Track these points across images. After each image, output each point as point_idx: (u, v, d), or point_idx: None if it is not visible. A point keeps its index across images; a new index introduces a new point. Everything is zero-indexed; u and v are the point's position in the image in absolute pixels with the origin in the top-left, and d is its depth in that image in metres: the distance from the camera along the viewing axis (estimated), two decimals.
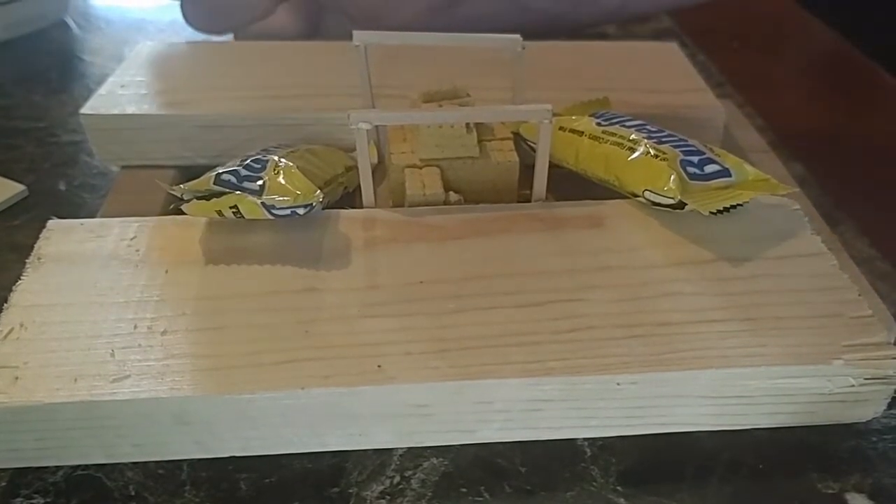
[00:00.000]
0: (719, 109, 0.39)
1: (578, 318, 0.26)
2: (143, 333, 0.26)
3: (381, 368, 0.25)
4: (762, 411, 0.26)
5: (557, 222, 0.31)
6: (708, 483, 0.26)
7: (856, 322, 0.27)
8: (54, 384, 0.24)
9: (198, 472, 0.26)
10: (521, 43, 0.34)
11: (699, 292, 0.28)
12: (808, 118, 0.48)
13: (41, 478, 0.26)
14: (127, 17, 0.60)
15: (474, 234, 0.30)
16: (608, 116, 0.34)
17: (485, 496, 0.26)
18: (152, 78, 0.39)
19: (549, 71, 0.41)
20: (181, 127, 0.37)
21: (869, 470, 0.27)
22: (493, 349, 0.25)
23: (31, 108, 0.47)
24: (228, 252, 0.29)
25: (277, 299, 0.27)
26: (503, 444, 0.27)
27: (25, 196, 0.39)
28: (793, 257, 0.29)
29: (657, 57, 0.43)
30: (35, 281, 0.28)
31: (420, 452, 0.27)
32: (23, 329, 0.26)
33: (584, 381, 0.25)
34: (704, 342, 0.26)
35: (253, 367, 0.25)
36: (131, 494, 0.25)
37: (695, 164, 0.31)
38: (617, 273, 0.28)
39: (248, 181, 0.29)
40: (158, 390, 0.24)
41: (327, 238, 0.30)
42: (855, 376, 0.25)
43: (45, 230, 0.30)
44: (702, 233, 0.30)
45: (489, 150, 0.32)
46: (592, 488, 0.26)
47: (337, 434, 0.26)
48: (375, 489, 0.26)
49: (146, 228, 0.30)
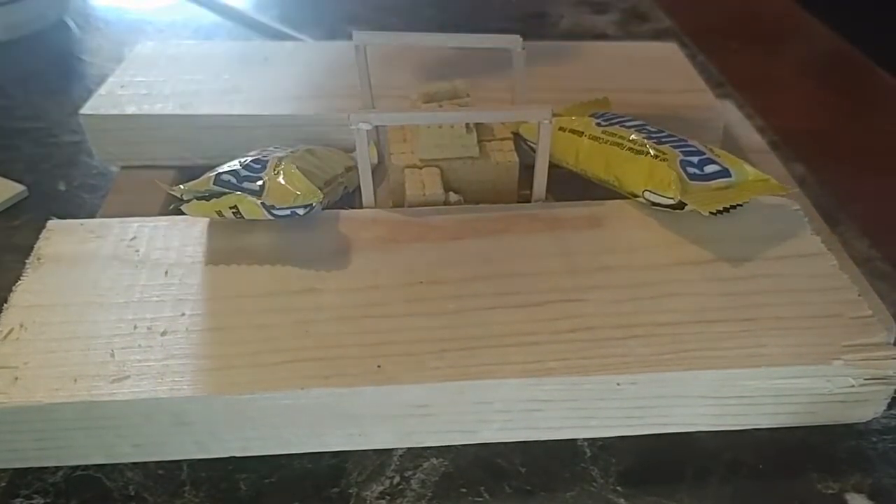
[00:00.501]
0: (719, 109, 0.39)
1: (578, 319, 0.26)
2: (143, 334, 0.26)
3: (380, 369, 0.25)
4: (762, 411, 0.26)
5: (557, 223, 0.31)
6: (708, 483, 0.26)
7: (856, 322, 0.27)
8: (54, 384, 0.24)
9: (197, 472, 0.26)
10: (521, 43, 0.34)
11: (699, 292, 0.28)
12: (808, 118, 0.49)
13: (41, 478, 0.26)
14: (126, 17, 0.60)
15: (474, 234, 0.30)
16: (608, 117, 0.34)
17: (485, 496, 0.26)
18: (152, 78, 0.39)
19: (549, 71, 0.41)
20: (181, 127, 0.37)
21: (869, 470, 0.26)
22: (493, 349, 0.25)
23: (30, 108, 0.47)
24: (228, 252, 0.29)
25: (277, 300, 0.27)
26: (503, 445, 0.27)
27: (25, 196, 0.39)
28: (793, 257, 0.29)
29: (657, 57, 0.43)
30: (35, 281, 0.28)
31: (420, 453, 0.27)
32: (23, 329, 0.26)
33: (583, 382, 0.25)
34: (704, 342, 0.26)
35: (253, 368, 0.25)
36: (131, 494, 0.25)
37: (695, 164, 0.31)
38: (617, 273, 0.28)
39: (247, 181, 0.29)
40: (158, 391, 0.24)
41: (327, 238, 0.30)
42: (855, 377, 0.25)
43: (44, 230, 0.30)
44: (702, 233, 0.30)
45: (489, 150, 0.32)
46: (592, 488, 0.26)
47: (337, 434, 0.26)
48: (375, 489, 0.26)
49: (146, 229, 0.30)
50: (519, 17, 0.61)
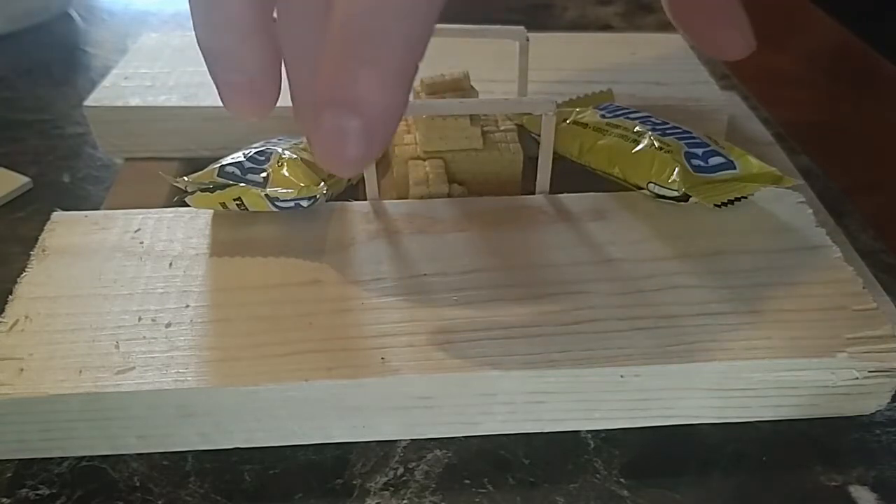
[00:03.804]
0: (724, 101, 0.39)
1: (582, 311, 0.26)
2: (148, 325, 0.26)
3: (384, 360, 0.25)
4: (766, 404, 0.26)
5: (561, 215, 0.31)
6: (711, 475, 0.26)
7: (860, 315, 0.27)
8: (59, 376, 0.24)
9: (202, 463, 0.26)
10: (525, 34, 0.34)
11: (703, 285, 0.28)
12: (813, 110, 0.48)
13: (46, 469, 0.26)
14: (130, 9, 0.60)
15: (478, 226, 0.30)
16: (612, 108, 0.34)
17: (488, 488, 0.26)
18: (156, 70, 0.39)
19: (554, 62, 0.41)
20: (185, 119, 0.37)
21: (872, 462, 0.26)
22: (497, 341, 0.25)
23: (34, 100, 0.47)
24: (232, 244, 0.29)
25: (281, 291, 0.27)
26: (507, 436, 0.27)
27: (30, 188, 0.39)
28: (797, 250, 0.29)
29: (662, 49, 0.43)
30: (39, 273, 0.28)
31: (424, 444, 0.27)
32: (28, 321, 0.26)
33: (587, 374, 0.25)
34: (708, 334, 0.26)
35: (257, 359, 0.25)
36: (136, 485, 0.25)
37: (699, 156, 0.31)
38: (621, 265, 0.28)
39: (251, 173, 0.29)
40: (163, 382, 0.24)
41: (331, 230, 0.30)
42: (859, 369, 0.25)
43: (49, 222, 0.30)
44: (706, 225, 0.30)
45: (493, 142, 0.32)
46: (596, 480, 0.26)
47: (341, 426, 0.26)
48: (379, 481, 0.26)
49: (150, 220, 0.30)
50: (523, 9, 0.61)
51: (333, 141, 0.18)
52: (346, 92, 0.18)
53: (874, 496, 0.26)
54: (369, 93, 0.18)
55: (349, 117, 0.18)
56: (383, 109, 0.18)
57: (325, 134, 0.18)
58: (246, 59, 0.21)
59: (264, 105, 0.22)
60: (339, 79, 0.18)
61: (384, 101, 0.18)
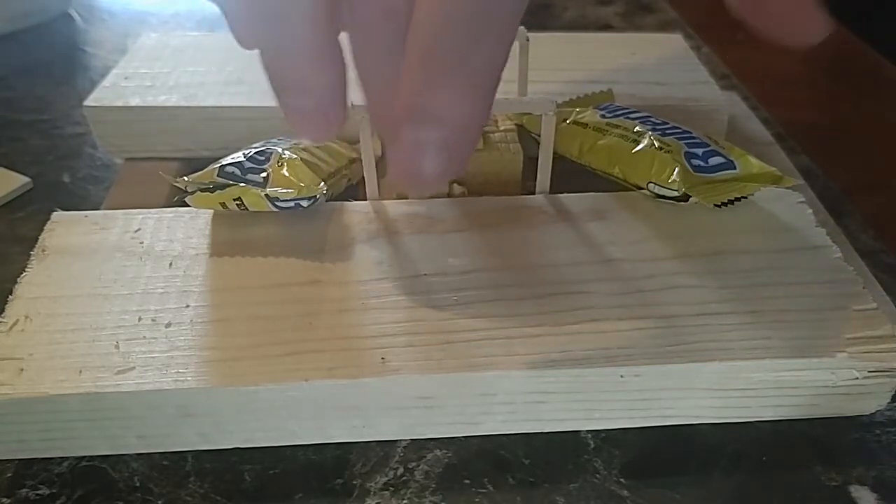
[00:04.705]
0: (724, 101, 0.39)
1: (582, 311, 0.26)
2: (148, 325, 0.26)
3: (384, 360, 0.25)
4: (766, 404, 0.26)
5: (561, 215, 0.31)
6: (711, 475, 0.26)
7: (860, 315, 0.27)
8: (59, 376, 0.24)
9: (202, 463, 0.26)
10: (525, 34, 0.34)
11: (703, 285, 0.28)
12: (813, 110, 0.48)
13: (47, 469, 0.26)
14: (130, 8, 0.60)
15: (478, 226, 0.30)
16: (612, 108, 0.34)
17: (488, 488, 0.26)
18: (156, 70, 0.39)
19: (553, 62, 0.41)
20: (185, 119, 0.37)
21: (872, 462, 0.26)
22: (497, 341, 0.25)
23: (34, 100, 0.47)
24: (232, 244, 0.29)
25: (281, 291, 0.27)
26: (507, 436, 0.27)
27: (29, 188, 0.39)
28: (797, 250, 0.29)
29: (661, 49, 0.43)
30: (39, 273, 0.28)
31: (424, 444, 0.27)
32: (27, 321, 0.26)
33: (587, 374, 0.25)
34: (708, 335, 0.26)
35: (257, 359, 0.25)
36: (136, 485, 0.25)
37: (699, 156, 0.31)
38: (621, 265, 0.28)
39: (251, 173, 0.29)
40: (163, 382, 0.24)
41: (331, 230, 0.30)
42: (859, 369, 0.25)
43: (49, 222, 0.30)
44: (706, 225, 0.30)
45: (493, 142, 0.32)
46: (595, 480, 0.26)
47: (341, 426, 0.26)
48: (379, 481, 0.26)
49: (150, 220, 0.30)
50: None
51: (412, 155, 0.17)
52: (426, 104, 0.17)
53: (874, 496, 0.26)
54: (451, 105, 0.17)
55: (429, 129, 0.17)
56: (464, 122, 0.17)
57: (403, 148, 0.17)
58: (315, 83, 0.20)
59: (333, 128, 0.21)
60: (419, 92, 0.17)
61: (465, 113, 0.17)
